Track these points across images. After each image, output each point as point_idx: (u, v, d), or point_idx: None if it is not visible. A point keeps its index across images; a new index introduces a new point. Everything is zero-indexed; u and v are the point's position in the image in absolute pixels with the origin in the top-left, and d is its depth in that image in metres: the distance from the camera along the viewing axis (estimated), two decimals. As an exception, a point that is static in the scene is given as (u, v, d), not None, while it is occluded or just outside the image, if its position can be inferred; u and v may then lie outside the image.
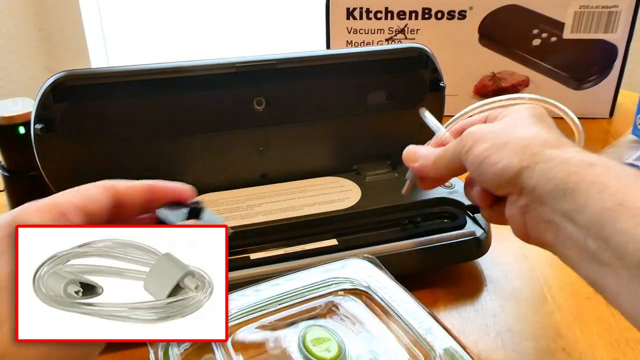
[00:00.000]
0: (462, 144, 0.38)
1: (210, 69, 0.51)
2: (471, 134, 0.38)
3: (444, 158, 0.41)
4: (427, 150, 0.43)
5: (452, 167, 0.40)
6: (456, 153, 0.39)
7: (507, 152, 0.35)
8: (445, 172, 0.42)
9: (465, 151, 0.37)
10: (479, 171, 0.37)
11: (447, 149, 0.41)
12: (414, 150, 0.44)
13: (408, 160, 0.44)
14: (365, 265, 0.42)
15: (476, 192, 0.40)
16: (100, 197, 0.31)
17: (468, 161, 0.37)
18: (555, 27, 0.82)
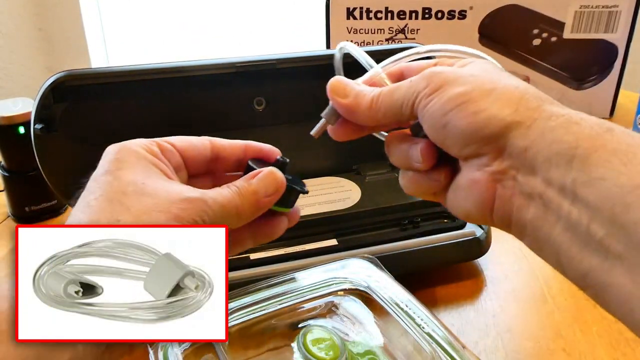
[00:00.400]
0: (426, 84, 0.30)
1: (210, 69, 0.51)
2: (439, 73, 0.30)
3: (389, 98, 0.31)
4: (362, 86, 0.34)
5: (396, 113, 0.31)
6: (410, 94, 0.30)
7: (494, 99, 0.28)
8: (382, 118, 0.32)
9: (428, 92, 0.29)
10: (444, 120, 0.29)
11: (397, 87, 0.31)
12: (344, 83, 0.34)
13: (335, 93, 0.34)
14: (365, 265, 0.42)
15: (418, 149, 0.31)
16: (201, 147, 0.34)
17: (430, 107, 0.29)
18: (555, 27, 0.82)
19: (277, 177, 0.33)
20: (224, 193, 0.31)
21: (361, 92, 0.33)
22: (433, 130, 0.30)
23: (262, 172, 0.33)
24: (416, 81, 0.30)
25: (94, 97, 0.49)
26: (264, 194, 0.32)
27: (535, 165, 0.26)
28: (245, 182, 0.32)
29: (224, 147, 0.35)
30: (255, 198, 0.32)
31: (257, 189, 0.32)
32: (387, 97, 0.32)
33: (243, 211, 0.31)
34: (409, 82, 0.31)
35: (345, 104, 0.34)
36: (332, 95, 0.34)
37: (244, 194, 0.31)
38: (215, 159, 0.35)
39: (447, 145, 0.29)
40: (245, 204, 0.31)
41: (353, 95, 0.33)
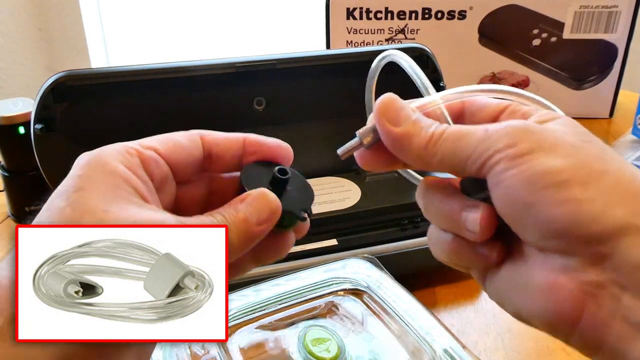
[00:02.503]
0: (509, 142, 0.23)
1: (210, 69, 0.51)
2: (529, 131, 0.23)
3: (454, 144, 0.25)
4: (420, 116, 0.27)
5: (456, 164, 0.25)
6: (484, 149, 0.24)
7: (606, 189, 0.21)
8: (435, 164, 0.26)
9: (511, 155, 0.23)
10: (528, 199, 0.22)
11: (467, 133, 0.25)
12: (398, 106, 0.27)
13: (385, 115, 0.27)
14: (365, 265, 0.42)
15: (477, 216, 0.25)
16: (190, 146, 0.29)
17: (511, 176, 0.22)
18: (555, 27, 0.82)
19: (270, 201, 0.27)
20: (206, 223, 0.26)
21: (418, 124, 0.26)
22: (507, 205, 0.23)
23: (250, 196, 0.27)
24: (496, 134, 0.24)
25: (94, 97, 0.49)
26: (256, 222, 0.26)
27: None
28: (232, 207, 0.27)
29: (217, 142, 0.30)
30: (246, 227, 0.26)
31: (247, 217, 0.26)
32: (452, 142, 0.25)
33: (232, 245, 0.26)
34: (483, 130, 0.24)
35: (396, 133, 0.26)
36: (380, 117, 0.27)
37: (232, 222, 0.26)
38: (208, 157, 0.29)
39: (522, 227, 0.23)
40: (234, 236, 0.26)
41: (409, 124, 0.26)
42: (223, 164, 0.30)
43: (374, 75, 0.33)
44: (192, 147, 0.29)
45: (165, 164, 0.28)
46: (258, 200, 0.27)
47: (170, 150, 0.28)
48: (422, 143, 0.26)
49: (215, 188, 0.29)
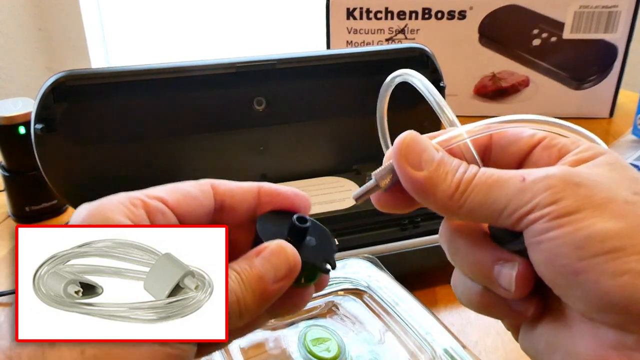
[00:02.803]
0: (553, 198, 0.20)
1: (210, 69, 0.51)
2: (575, 183, 0.20)
3: (485, 195, 0.22)
4: (445, 157, 0.24)
5: (488, 216, 0.22)
6: (521, 202, 0.21)
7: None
8: (463, 215, 0.23)
9: (555, 214, 0.20)
10: (576, 267, 0.19)
11: (499, 182, 0.22)
12: (421, 147, 0.24)
13: (405, 157, 0.24)
14: (365, 265, 0.42)
15: (512, 272, 0.22)
16: (201, 197, 0.26)
17: (554, 239, 0.20)
18: (555, 27, 0.82)
19: (288, 256, 0.25)
20: None
21: (444, 168, 0.23)
22: (549, 271, 0.20)
23: (267, 249, 0.25)
24: (535, 185, 0.20)
25: (94, 97, 0.49)
26: (273, 279, 0.24)
27: None
28: (247, 262, 0.24)
29: (231, 193, 0.27)
30: (262, 286, 0.24)
31: (263, 274, 0.24)
32: (483, 192, 0.22)
33: (246, 306, 0.23)
34: (520, 180, 0.21)
35: (417, 179, 0.23)
36: (400, 160, 0.24)
37: (247, 281, 0.24)
38: (220, 209, 0.27)
39: (568, 296, 0.20)
40: (248, 296, 0.23)
41: (432, 168, 0.23)
42: (236, 215, 0.27)
43: (384, 96, 0.30)
44: (202, 198, 0.27)
45: (173, 216, 0.26)
46: (275, 255, 0.25)
47: (179, 201, 0.26)
48: (448, 192, 0.23)
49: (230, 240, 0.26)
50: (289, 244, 0.25)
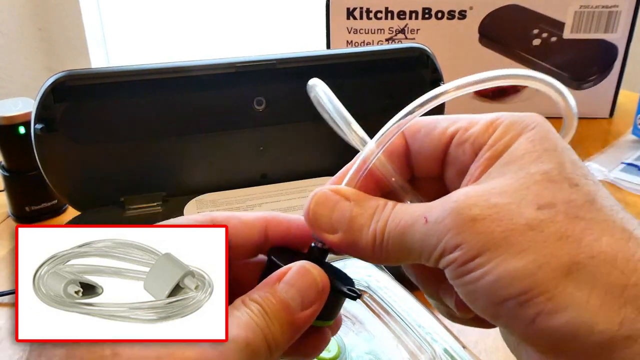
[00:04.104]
0: (455, 242, 0.19)
1: (210, 69, 0.51)
2: (472, 219, 0.19)
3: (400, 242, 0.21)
4: (357, 209, 0.22)
5: (411, 261, 0.22)
6: (430, 247, 0.20)
7: (584, 288, 0.17)
8: (395, 263, 0.23)
9: (461, 261, 0.19)
10: (496, 313, 0.19)
11: (408, 229, 0.21)
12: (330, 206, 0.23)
13: (316, 226, 0.23)
14: (365, 265, 0.42)
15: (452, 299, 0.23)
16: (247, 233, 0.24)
17: (468, 287, 0.19)
18: (555, 27, 0.82)
19: (315, 277, 0.22)
20: (242, 322, 0.20)
21: (357, 222, 0.22)
22: (475, 308, 0.20)
23: (290, 272, 0.22)
24: (436, 229, 0.20)
25: (94, 97, 0.49)
26: (300, 306, 0.21)
27: None
28: (268, 290, 0.21)
29: (236, 227, 0.24)
30: (289, 316, 0.21)
31: (289, 300, 0.21)
32: (397, 242, 0.21)
33: (275, 342, 0.21)
34: (423, 221, 0.20)
35: (335, 242, 0.23)
36: (313, 228, 0.23)
37: (271, 312, 0.21)
38: (262, 245, 0.25)
39: (505, 334, 0.22)
40: (275, 329, 0.21)
41: (345, 227, 0.22)
42: (241, 251, 0.25)
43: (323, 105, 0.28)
44: (252, 235, 0.24)
45: None
46: (301, 277, 0.22)
47: None
48: (368, 248, 0.22)
49: (231, 278, 0.23)
50: (313, 264, 0.22)
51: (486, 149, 0.21)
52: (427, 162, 0.24)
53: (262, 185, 0.56)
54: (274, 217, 0.25)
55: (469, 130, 0.22)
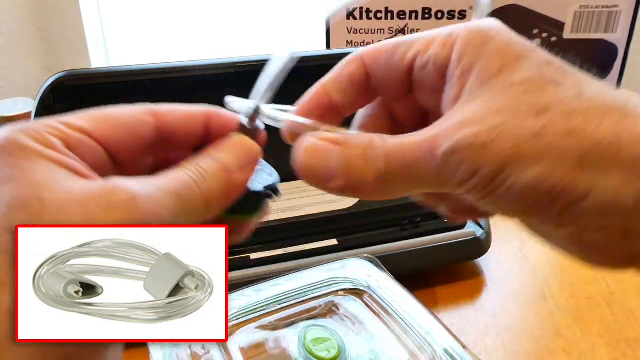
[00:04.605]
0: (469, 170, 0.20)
1: (210, 69, 0.51)
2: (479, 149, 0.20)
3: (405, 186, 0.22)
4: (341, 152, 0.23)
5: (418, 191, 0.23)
6: (441, 184, 0.21)
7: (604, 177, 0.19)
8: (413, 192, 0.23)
9: (483, 184, 0.20)
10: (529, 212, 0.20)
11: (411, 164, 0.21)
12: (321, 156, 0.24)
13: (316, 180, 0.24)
14: (365, 265, 0.42)
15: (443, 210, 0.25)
16: (131, 128, 0.24)
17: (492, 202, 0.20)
18: (555, 27, 0.82)
19: (248, 143, 0.25)
20: (179, 177, 0.22)
21: (353, 166, 0.22)
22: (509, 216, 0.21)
23: (226, 141, 0.24)
24: (450, 162, 0.20)
25: (94, 97, 0.49)
26: (237, 167, 0.23)
27: None
28: (208, 156, 0.23)
29: (176, 120, 0.24)
30: (227, 175, 0.23)
31: (227, 162, 0.23)
32: (404, 177, 0.21)
33: (214, 198, 0.22)
34: (430, 157, 0.20)
35: (337, 189, 0.23)
36: (313, 182, 0.24)
37: (210, 171, 0.22)
38: (163, 141, 0.24)
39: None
40: (214, 186, 0.22)
41: (342, 174, 0.23)
42: (181, 148, 0.25)
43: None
44: (137, 128, 0.24)
45: (100, 149, 0.23)
46: (235, 145, 0.24)
47: (105, 132, 0.23)
48: (372, 191, 0.22)
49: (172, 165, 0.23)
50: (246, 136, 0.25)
51: (453, 67, 0.22)
52: (393, 87, 0.25)
53: (262, 185, 0.56)
54: (216, 111, 0.26)
55: (427, 52, 0.23)
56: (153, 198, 0.21)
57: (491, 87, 0.21)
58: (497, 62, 0.21)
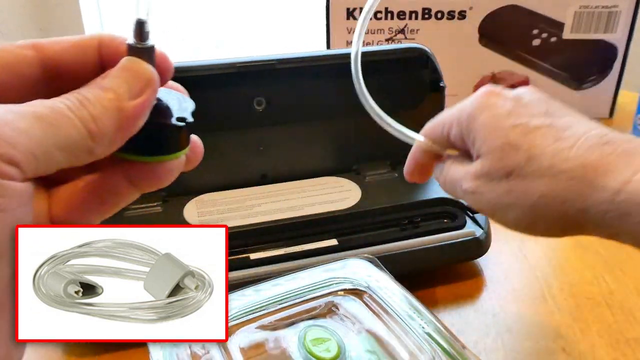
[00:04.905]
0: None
1: (210, 69, 0.51)
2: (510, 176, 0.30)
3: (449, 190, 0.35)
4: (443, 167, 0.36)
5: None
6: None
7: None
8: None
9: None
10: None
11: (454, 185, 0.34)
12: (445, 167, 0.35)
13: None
14: (365, 265, 0.42)
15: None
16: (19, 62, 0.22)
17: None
18: (555, 27, 0.82)
19: (141, 66, 0.21)
20: (48, 104, 0.19)
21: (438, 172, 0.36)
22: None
23: (116, 67, 0.21)
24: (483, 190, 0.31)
25: (94, 97, 0.49)
26: (128, 94, 0.21)
27: None
28: (92, 84, 0.21)
29: (62, 51, 0.22)
30: (116, 102, 0.20)
31: (114, 87, 0.20)
32: (449, 187, 0.35)
33: (100, 127, 0.20)
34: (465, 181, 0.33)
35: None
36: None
37: (93, 97, 0.20)
38: (51, 76, 0.22)
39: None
40: (99, 112, 0.20)
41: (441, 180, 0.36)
42: (75, 79, 0.22)
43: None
44: (16, 64, 0.22)
45: None
46: (125, 69, 0.21)
47: None
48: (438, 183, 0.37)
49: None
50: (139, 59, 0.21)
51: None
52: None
53: (262, 185, 0.56)
54: (108, 36, 0.23)
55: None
56: (9, 123, 0.18)
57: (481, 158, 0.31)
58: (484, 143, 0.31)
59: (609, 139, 0.27)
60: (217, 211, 0.52)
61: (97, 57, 0.23)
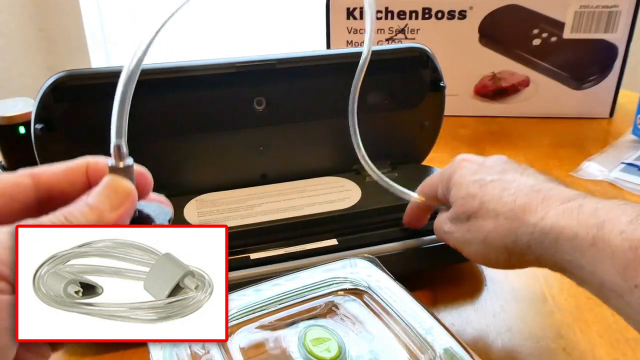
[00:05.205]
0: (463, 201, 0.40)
1: (210, 69, 0.51)
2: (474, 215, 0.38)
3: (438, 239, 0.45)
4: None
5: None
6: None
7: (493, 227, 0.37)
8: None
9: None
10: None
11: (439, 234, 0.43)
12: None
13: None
14: (365, 265, 0.42)
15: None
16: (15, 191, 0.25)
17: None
18: (555, 27, 0.82)
19: (120, 183, 0.25)
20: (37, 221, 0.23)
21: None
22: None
23: (100, 184, 0.25)
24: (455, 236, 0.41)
25: (94, 97, 0.49)
26: (109, 207, 0.25)
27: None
28: (78, 200, 0.24)
29: (53, 175, 0.26)
30: (98, 216, 0.24)
31: (97, 203, 0.24)
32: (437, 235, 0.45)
33: None
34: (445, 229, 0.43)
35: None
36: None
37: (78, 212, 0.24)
38: (47, 199, 0.26)
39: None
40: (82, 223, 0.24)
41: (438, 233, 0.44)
42: (69, 199, 0.25)
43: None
44: (13, 193, 0.25)
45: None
46: (105, 187, 0.25)
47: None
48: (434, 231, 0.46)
49: None
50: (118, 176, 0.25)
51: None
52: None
53: (262, 185, 0.56)
54: (93, 159, 0.28)
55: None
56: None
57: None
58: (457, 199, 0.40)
59: (539, 188, 0.35)
60: (217, 211, 0.52)
61: (85, 177, 0.27)
